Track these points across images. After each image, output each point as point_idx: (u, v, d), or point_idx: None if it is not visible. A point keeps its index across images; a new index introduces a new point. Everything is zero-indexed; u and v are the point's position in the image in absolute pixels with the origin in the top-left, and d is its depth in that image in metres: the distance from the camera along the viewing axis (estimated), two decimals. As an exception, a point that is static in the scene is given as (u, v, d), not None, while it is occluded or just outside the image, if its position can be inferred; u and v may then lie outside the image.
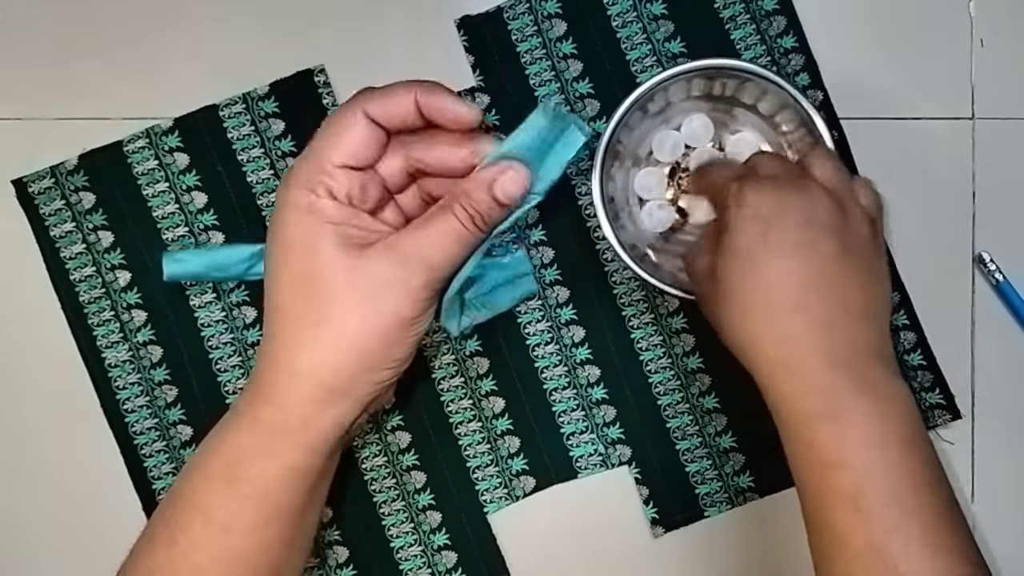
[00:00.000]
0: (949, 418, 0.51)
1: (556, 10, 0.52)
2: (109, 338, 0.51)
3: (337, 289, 0.40)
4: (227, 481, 0.41)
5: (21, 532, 0.51)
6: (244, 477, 0.41)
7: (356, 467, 0.51)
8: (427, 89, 0.42)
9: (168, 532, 0.42)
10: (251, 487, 0.41)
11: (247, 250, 0.49)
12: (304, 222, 0.41)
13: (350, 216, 0.41)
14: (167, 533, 0.42)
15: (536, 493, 0.51)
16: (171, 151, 0.52)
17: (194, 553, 0.41)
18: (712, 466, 0.51)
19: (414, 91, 0.41)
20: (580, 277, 0.52)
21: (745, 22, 0.52)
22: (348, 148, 0.41)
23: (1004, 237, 0.52)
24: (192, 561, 0.41)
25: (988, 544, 0.51)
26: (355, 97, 0.42)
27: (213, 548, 0.41)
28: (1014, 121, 0.52)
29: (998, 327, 0.52)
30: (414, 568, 0.51)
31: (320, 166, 0.41)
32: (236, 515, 0.41)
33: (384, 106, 0.41)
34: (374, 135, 0.42)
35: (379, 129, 0.42)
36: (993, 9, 0.52)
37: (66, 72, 0.52)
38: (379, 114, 0.41)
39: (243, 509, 0.41)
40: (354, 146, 0.41)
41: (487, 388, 0.52)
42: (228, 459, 0.42)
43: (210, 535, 0.41)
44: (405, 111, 0.41)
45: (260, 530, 0.42)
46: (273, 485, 0.41)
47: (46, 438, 0.51)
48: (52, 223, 0.51)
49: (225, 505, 0.41)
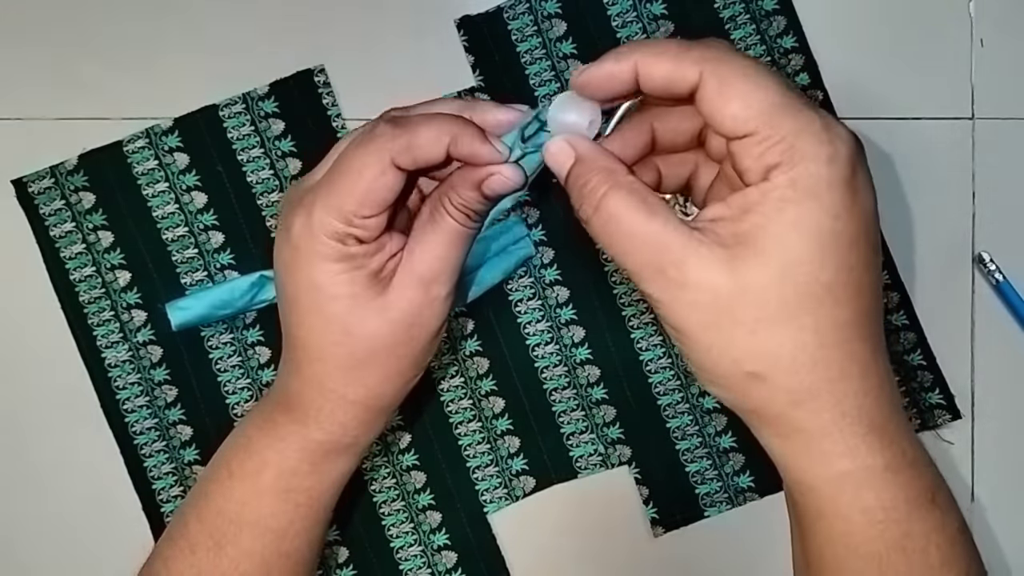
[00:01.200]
0: (949, 418, 0.51)
1: (556, 10, 0.52)
2: (109, 338, 0.51)
3: (374, 332, 0.40)
4: (280, 495, 0.42)
5: (21, 532, 0.51)
6: (299, 489, 0.42)
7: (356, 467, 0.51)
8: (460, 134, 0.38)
9: (213, 542, 0.42)
10: (306, 498, 0.43)
11: (246, 281, 0.50)
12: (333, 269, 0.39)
13: (375, 250, 0.40)
14: (211, 542, 0.42)
15: (536, 493, 0.51)
16: (171, 151, 0.52)
17: (244, 562, 0.42)
18: (712, 466, 0.51)
19: (446, 140, 0.38)
20: (580, 277, 0.52)
21: (745, 22, 0.52)
22: (375, 200, 0.38)
23: (1004, 237, 0.52)
24: (242, 570, 0.42)
25: (988, 544, 0.51)
26: (381, 135, 0.38)
27: (264, 555, 0.42)
28: (1014, 121, 0.52)
29: (998, 327, 0.52)
30: (414, 568, 0.51)
31: (347, 218, 0.38)
32: (290, 524, 0.42)
33: (413, 156, 0.38)
34: (399, 181, 0.38)
35: (404, 174, 0.38)
36: (993, 9, 0.52)
37: (66, 72, 0.52)
38: (406, 163, 0.38)
39: (296, 517, 0.43)
40: (381, 198, 0.38)
41: (487, 388, 0.52)
42: (279, 474, 0.42)
43: (263, 544, 0.42)
44: (435, 159, 0.38)
45: (309, 532, 0.43)
46: (326, 494, 0.43)
47: (46, 438, 0.51)
48: (52, 223, 0.51)
49: (280, 516, 0.42)
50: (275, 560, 0.42)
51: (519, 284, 0.52)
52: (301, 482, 0.42)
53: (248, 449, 0.43)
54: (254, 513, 0.42)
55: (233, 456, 0.43)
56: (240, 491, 0.42)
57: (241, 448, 0.43)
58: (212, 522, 0.42)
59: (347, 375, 0.41)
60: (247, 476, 0.42)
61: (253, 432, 0.43)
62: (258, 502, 0.42)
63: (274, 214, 0.51)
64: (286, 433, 0.42)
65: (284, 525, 0.42)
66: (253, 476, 0.42)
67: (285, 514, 0.42)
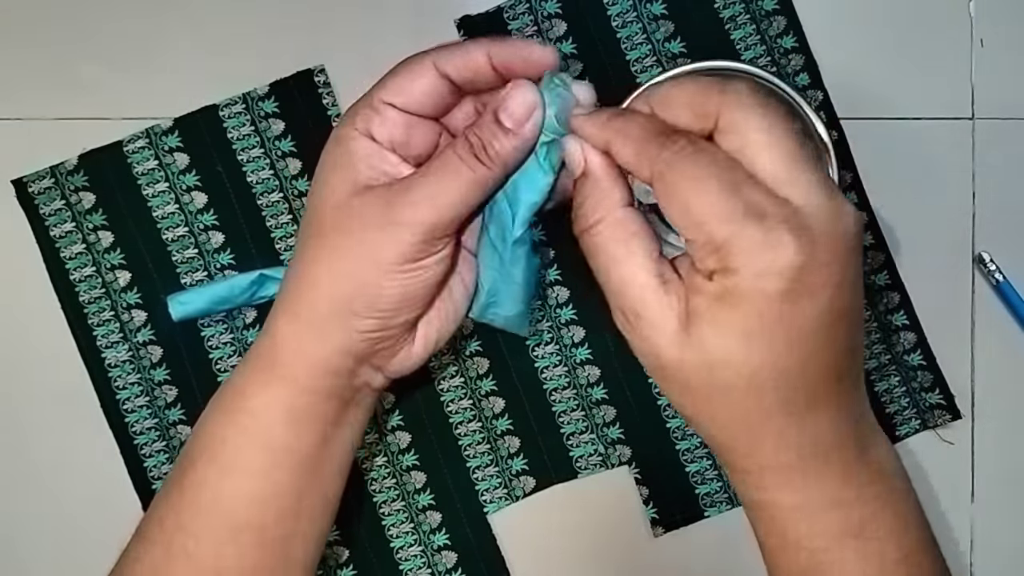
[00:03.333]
0: (949, 418, 0.51)
1: (556, 10, 0.52)
2: (109, 338, 0.51)
3: (330, 227, 0.40)
4: (229, 414, 0.41)
5: (20, 532, 0.51)
6: (244, 410, 0.41)
7: (356, 467, 0.51)
8: (499, 42, 0.40)
9: (179, 470, 0.42)
10: (252, 422, 0.41)
11: (246, 279, 0.49)
12: (334, 152, 0.41)
13: (374, 155, 0.40)
14: (178, 471, 0.42)
15: (536, 493, 0.51)
16: (171, 151, 0.52)
17: (201, 492, 0.41)
18: (712, 466, 0.51)
19: (486, 46, 0.40)
20: (580, 277, 0.52)
21: (745, 22, 0.52)
22: (400, 89, 0.40)
23: (1004, 237, 0.52)
24: (199, 501, 0.41)
25: (988, 544, 0.51)
26: (428, 50, 0.41)
27: (218, 487, 0.41)
28: (1014, 121, 0.52)
29: (998, 327, 0.52)
30: (414, 568, 0.51)
31: (368, 102, 0.41)
32: (240, 453, 0.41)
33: (453, 60, 0.40)
34: (438, 87, 0.40)
35: (447, 82, 0.40)
36: (993, 9, 0.52)
37: (66, 72, 0.52)
38: (448, 68, 0.40)
39: (246, 446, 0.41)
40: (408, 90, 0.40)
41: (487, 388, 0.52)
42: (232, 393, 0.42)
43: (214, 473, 0.41)
44: (476, 66, 0.40)
45: (268, 473, 0.41)
46: (276, 424, 0.41)
47: (46, 438, 0.51)
48: (52, 223, 0.51)
49: (230, 440, 0.41)
50: (233, 497, 0.41)
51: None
52: (247, 402, 0.41)
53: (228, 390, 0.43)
54: (209, 437, 0.42)
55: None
56: (207, 412, 0.43)
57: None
58: (187, 446, 0.43)
59: (297, 267, 0.41)
60: (214, 397, 0.43)
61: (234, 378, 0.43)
62: (211, 420, 0.42)
63: (274, 214, 0.51)
64: (247, 353, 0.43)
65: (234, 454, 0.41)
66: (216, 395, 0.43)
67: (235, 439, 0.41)
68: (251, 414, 0.41)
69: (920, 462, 0.51)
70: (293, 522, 0.42)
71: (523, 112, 0.39)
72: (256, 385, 0.42)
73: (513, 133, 0.39)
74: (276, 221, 0.51)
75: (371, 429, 0.51)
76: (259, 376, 0.42)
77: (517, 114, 0.39)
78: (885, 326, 0.51)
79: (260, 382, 0.42)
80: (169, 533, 0.41)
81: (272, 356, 0.42)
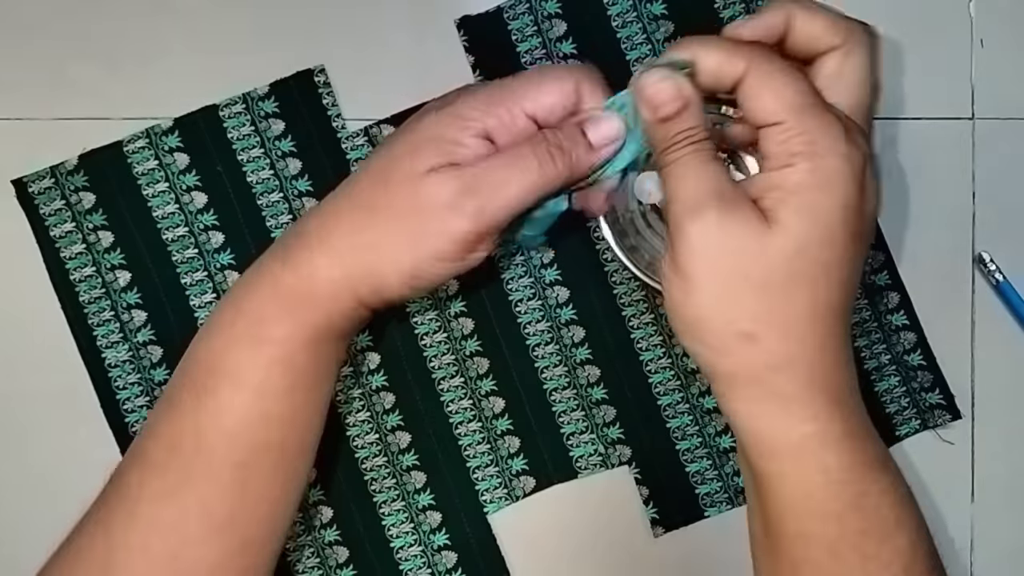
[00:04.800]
0: (949, 418, 0.51)
1: (556, 10, 0.52)
2: (109, 338, 0.51)
3: (395, 197, 0.41)
4: (253, 344, 0.42)
5: (20, 532, 0.51)
6: (269, 340, 0.42)
7: (356, 467, 0.51)
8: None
9: (193, 397, 0.42)
10: (278, 350, 0.42)
11: None
12: (434, 125, 0.42)
13: (469, 149, 0.42)
14: (192, 399, 0.42)
15: (536, 493, 0.51)
16: (171, 151, 0.52)
17: (224, 417, 0.42)
18: (712, 466, 0.51)
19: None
20: (580, 277, 0.52)
21: (745, 22, 0.52)
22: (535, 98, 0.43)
23: (1004, 237, 0.52)
24: (222, 425, 0.42)
25: (988, 544, 0.51)
26: (565, 68, 0.44)
27: (243, 411, 0.42)
28: (1014, 121, 0.52)
29: (998, 327, 0.52)
30: (414, 568, 0.51)
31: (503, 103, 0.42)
32: (266, 378, 0.42)
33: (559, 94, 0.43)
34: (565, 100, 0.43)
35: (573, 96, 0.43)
36: (993, 9, 0.52)
37: (66, 72, 0.52)
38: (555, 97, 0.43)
39: (272, 373, 0.42)
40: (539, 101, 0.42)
41: (487, 388, 0.52)
42: (252, 322, 0.42)
43: (241, 398, 0.42)
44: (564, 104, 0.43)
45: (288, 396, 0.42)
46: (298, 350, 0.42)
47: (46, 438, 0.51)
48: (52, 223, 0.51)
49: (254, 368, 0.42)
50: (257, 420, 0.42)
51: (519, 284, 0.52)
52: (272, 331, 0.42)
53: (232, 301, 0.43)
54: (229, 364, 0.42)
55: (221, 310, 0.43)
56: (215, 340, 0.43)
57: (226, 301, 0.44)
58: (190, 373, 0.43)
59: (353, 218, 0.42)
60: (220, 324, 0.43)
61: (242, 282, 0.43)
62: (230, 350, 0.42)
63: (274, 214, 0.52)
64: (259, 282, 0.42)
65: (260, 380, 0.42)
66: (227, 322, 0.43)
67: (258, 367, 0.42)
68: (276, 343, 0.42)
69: (920, 462, 0.51)
70: (303, 440, 0.44)
71: (611, 136, 0.42)
72: (282, 314, 0.42)
73: (595, 151, 0.42)
74: (276, 221, 0.51)
75: (370, 428, 0.51)
76: (286, 306, 0.42)
77: (606, 136, 0.42)
78: (885, 326, 0.51)
79: (287, 311, 0.42)
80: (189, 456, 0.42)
81: (307, 294, 0.42)
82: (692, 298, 0.39)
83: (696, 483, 0.51)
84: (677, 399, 0.51)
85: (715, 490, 0.51)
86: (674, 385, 0.51)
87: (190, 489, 0.42)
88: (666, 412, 0.52)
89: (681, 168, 0.39)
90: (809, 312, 0.38)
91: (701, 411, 0.51)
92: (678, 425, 0.51)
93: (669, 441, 0.51)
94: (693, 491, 0.51)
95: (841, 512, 0.39)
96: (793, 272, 0.38)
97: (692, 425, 0.51)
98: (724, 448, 0.51)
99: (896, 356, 0.51)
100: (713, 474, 0.51)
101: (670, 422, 0.52)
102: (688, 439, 0.51)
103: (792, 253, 0.37)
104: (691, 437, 0.51)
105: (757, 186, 0.39)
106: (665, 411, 0.52)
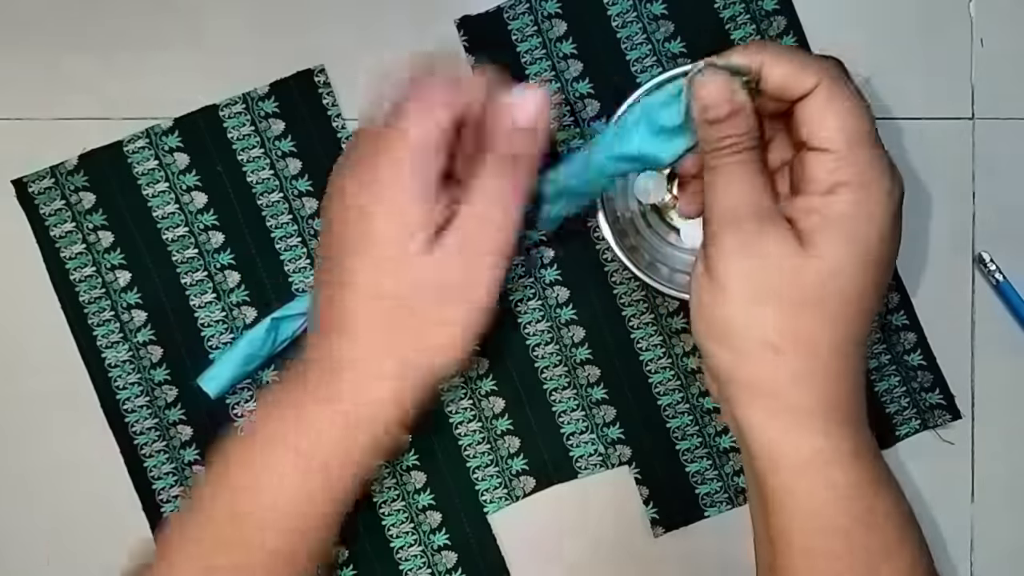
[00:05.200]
0: (949, 418, 0.51)
1: (556, 10, 0.52)
2: (109, 338, 0.51)
3: (415, 301, 0.41)
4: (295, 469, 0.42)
5: (20, 532, 0.51)
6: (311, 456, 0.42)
7: (356, 467, 0.51)
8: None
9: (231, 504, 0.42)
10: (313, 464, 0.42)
11: (261, 329, 0.49)
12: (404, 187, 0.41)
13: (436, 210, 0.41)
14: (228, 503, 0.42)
15: (536, 493, 0.51)
16: (171, 151, 0.52)
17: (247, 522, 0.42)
18: (712, 466, 0.51)
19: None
20: (580, 277, 0.52)
21: (745, 22, 0.52)
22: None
23: (1004, 237, 0.52)
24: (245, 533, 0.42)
25: (988, 544, 0.51)
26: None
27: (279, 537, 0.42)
28: (1014, 121, 0.52)
29: (998, 327, 0.52)
30: (414, 568, 0.51)
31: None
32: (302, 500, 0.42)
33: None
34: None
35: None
36: (993, 9, 0.52)
37: (66, 72, 0.52)
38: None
39: (315, 491, 0.42)
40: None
41: (487, 388, 0.52)
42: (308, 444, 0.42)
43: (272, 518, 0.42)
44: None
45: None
46: (347, 466, 0.42)
47: (46, 438, 0.51)
48: (52, 223, 0.51)
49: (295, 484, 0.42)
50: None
51: (519, 284, 0.52)
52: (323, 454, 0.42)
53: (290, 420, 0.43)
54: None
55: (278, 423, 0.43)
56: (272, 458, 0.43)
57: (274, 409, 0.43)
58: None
59: (389, 336, 0.41)
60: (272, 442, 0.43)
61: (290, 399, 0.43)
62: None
63: (274, 214, 0.51)
64: (318, 411, 0.42)
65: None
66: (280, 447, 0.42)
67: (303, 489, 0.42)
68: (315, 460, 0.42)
69: (920, 462, 0.51)
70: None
71: (536, 109, 0.41)
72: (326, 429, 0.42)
73: (531, 130, 0.41)
74: (276, 221, 0.51)
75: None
76: (331, 418, 0.42)
77: (531, 113, 0.41)
78: (885, 326, 0.51)
79: (328, 421, 0.42)
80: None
81: (364, 420, 0.42)
82: (722, 303, 0.39)
83: (696, 483, 0.51)
84: (677, 399, 0.51)
85: (715, 490, 0.51)
86: (674, 385, 0.51)
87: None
88: (666, 412, 0.52)
89: (724, 177, 0.40)
90: (834, 336, 0.39)
91: (701, 411, 0.51)
92: (678, 425, 0.51)
93: (669, 441, 0.51)
94: (693, 491, 0.51)
95: (848, 528, 0.39)
96: (825, 297, 0.38)
97: (692, 425, 0.51)
98: (724, 448, 0.51)
99: (896, 356, 0.51)
100: (713, 474, 0.51)
101: (670, 422, 0.52)
102: (688, 439, 0.51)
103: (827, 278, 0.38)
104: (691, 437, 0.51)
105: (795, 207, 0.39)
106: (665, 411, 0.52)
